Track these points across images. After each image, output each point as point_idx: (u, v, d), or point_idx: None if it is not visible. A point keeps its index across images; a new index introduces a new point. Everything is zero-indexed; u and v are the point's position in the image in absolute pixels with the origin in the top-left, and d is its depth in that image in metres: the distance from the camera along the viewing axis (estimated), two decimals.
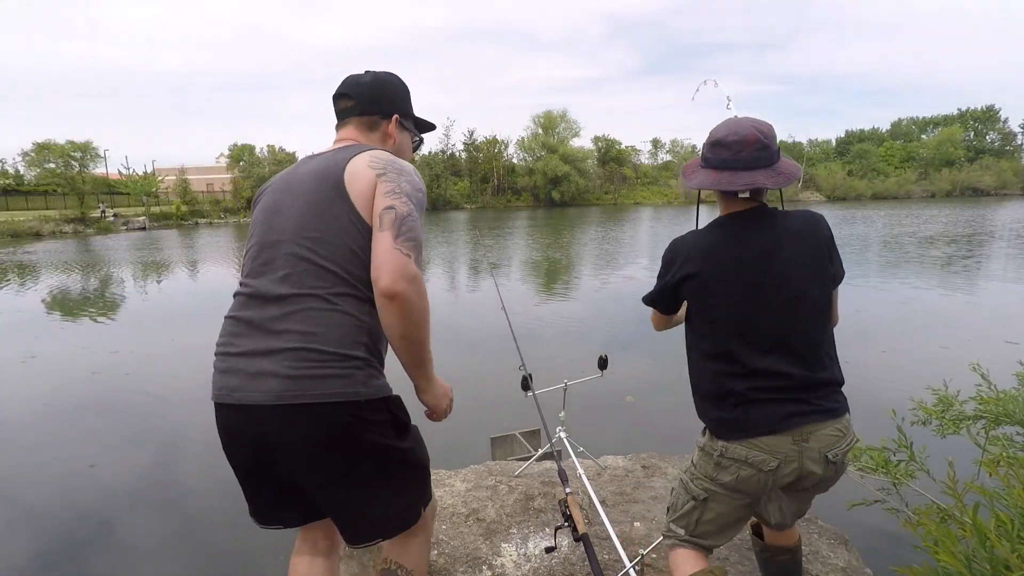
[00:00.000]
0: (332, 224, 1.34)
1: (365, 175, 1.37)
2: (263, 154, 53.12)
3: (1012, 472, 1.49)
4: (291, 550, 1.64)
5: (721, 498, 1.64)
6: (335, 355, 1.30)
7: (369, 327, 1.36)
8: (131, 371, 7.66)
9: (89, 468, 4.98)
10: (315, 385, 1.28)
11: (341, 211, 1.35)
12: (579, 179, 65.74)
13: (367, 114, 1.56)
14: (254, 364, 1.31)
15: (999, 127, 78.28)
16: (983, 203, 49.58)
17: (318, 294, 1.32)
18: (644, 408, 5.98)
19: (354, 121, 1.56)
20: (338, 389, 1.29)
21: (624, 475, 3.17)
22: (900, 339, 8.05)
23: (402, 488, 1.44)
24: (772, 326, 1.54)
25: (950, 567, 1.24)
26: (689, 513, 1.69)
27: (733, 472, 1.58)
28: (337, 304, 1.33)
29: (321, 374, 1.28)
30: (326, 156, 1.46)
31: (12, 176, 46.49)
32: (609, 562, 2.37)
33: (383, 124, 1.58)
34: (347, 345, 1.32)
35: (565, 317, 10.20)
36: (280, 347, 1.30)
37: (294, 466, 1.35)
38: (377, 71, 1.61)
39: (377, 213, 1.33)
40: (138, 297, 13.84)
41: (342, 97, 1.58)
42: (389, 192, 1.35)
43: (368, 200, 1.35)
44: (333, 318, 1.32)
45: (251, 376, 1.31)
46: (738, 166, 1.55)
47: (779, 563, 1.86)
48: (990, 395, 2.36)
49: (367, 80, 1.57)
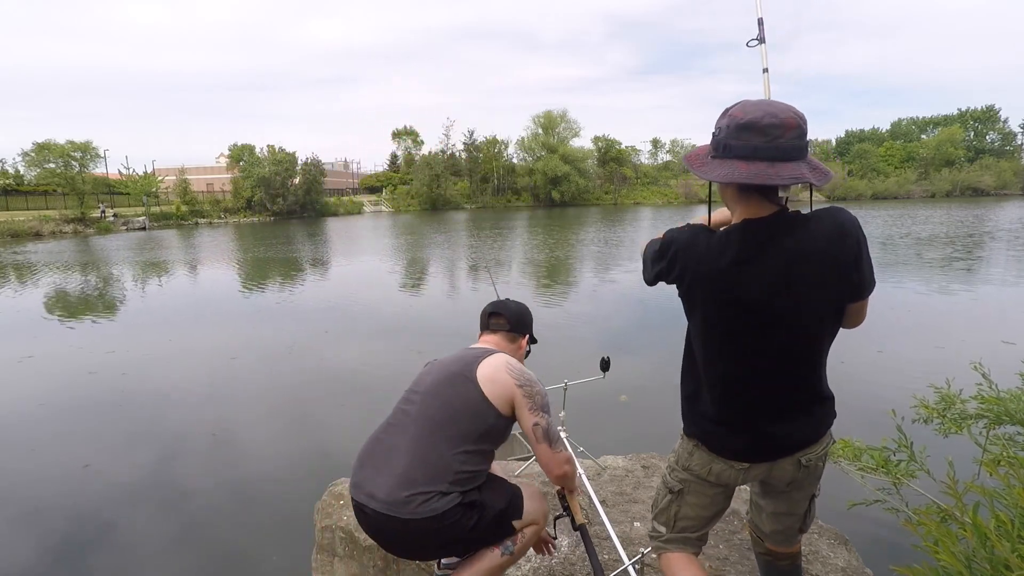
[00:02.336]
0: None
1: (503, 379, 1.81)
2: (263, 154, 53.10)
3: (1012, 472, 1.49)
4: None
5: (696, 488, 1.63)
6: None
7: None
8: (128, 371, 7.66)
9: (84, 468, 4.98)
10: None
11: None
12: (579, 179, 65.80)
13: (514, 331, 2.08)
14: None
15: (999, 127, 78.25)
16: (983, 203, 49.59)
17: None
18: (644, 408, 5.98)
19: (503, 335, 2.06)
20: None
21: (624, 475, 3.17)
22: (895, 339, 8.05)
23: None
24: (761, 365, 1.45)
25: (950, 567, 1.24)
26: (667, 508, 1.68)
27: (705, 463, 1.59)
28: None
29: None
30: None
31: (12, 176, 46.50)
32: (609, 562, 2.37)
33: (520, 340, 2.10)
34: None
35: (565, 317, 10.21)
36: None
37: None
38: (519, 302, 2.15)
39: (529, 428, 1.81)
40: (136, 297, 13.84)
41: (495, 315, 2.08)
42: (532, 409, 1.81)
43: (502, 393, 1.79)
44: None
45: None
46: (776, 156, 1.28)
47: (780, 567, 1.85)
48: (991, 395, 2.36)
49: (514, 307, 2.10)
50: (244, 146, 55.09)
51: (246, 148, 54.50)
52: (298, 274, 17.03)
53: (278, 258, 20.98)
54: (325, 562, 2.73)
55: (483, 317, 2.12)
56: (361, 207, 60.62)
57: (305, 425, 5.85)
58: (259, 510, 4.31)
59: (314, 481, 4.05)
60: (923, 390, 2.72)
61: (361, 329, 9.94)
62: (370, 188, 74.55)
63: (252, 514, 4.27)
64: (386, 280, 15.58)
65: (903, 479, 2.52)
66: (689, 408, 1.62)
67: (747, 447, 1.54)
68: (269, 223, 45.81)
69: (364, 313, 11.31)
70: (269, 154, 52.70)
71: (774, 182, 1.27)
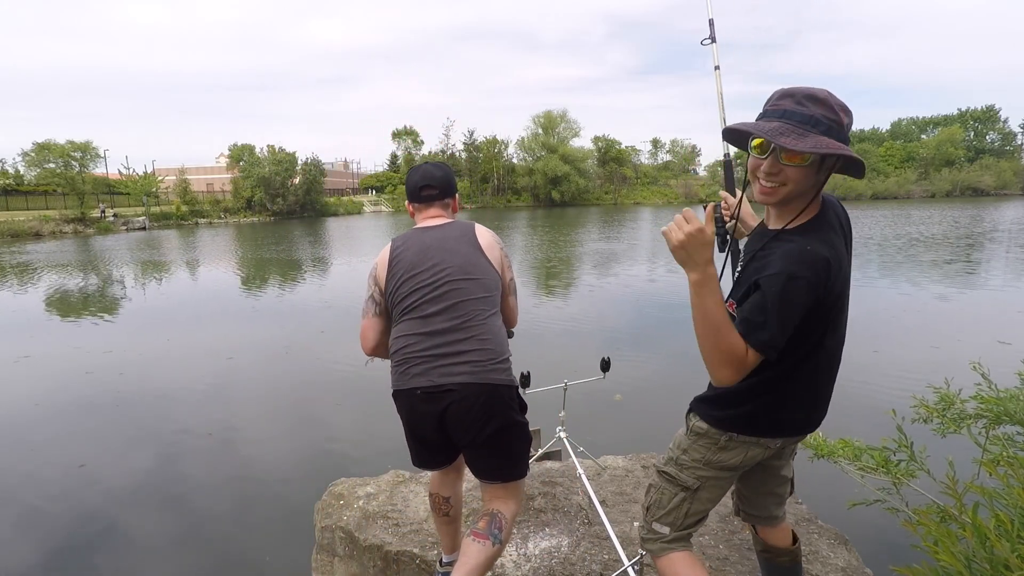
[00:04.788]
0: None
1: (494, 246, 2.05)
2: (263, 154, 53.09)
3: (1012, 472, 1.48)
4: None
5: (714, 483, 1.62)
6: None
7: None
8: (125, 371, 7.66)
9: (79, 468, 4.97)
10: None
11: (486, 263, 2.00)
12: (579, 179, 65.83)
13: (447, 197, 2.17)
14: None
15: (999, 127, 78.27)
16: (982, 203, 49.59)
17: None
18: (644, 408, 5.98)
19: (437, 203, 2.13)
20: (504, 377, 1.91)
21: (624, 475, 3.17)
22: (890, 339, 8.04)
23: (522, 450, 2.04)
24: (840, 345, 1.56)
25: (950, 567, 1.24)
26: (678, 507, 1.64)
27: (740, 452, 1.57)
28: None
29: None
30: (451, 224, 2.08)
31: (12, 176, 46.50)
32: (609, 562, 2.37)
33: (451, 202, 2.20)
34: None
35: (564, 317, 10.20)
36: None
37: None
38: (440, 163, 2.22)
39: (508, 282, 2.07)
40: (135, 297, 13.83)
41: (427, 187, 2.11)
42: (508, 267, 2.10)
43: (498, 258, 2.04)
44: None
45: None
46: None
47: (780, 564, 1.86)
48: (991, 394, 2.36)
49: (439, 175, 2.14)
50: (244, 146, 55.07)
51: (246, 148, 54.49)
52: (297, 274, 17.03)
53: (278, 258, 20.98)
54: (325, 562, 2.73)
55: (412, 190, 2.13)
56: (361, 207, 60.62)
57: (305, 425, 5.85)
58: (259, 510, 4.30)
59: (314, 481, 4.05)
60: (921, 390, 2.72)
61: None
62: (370, 188, 74.57)
63: (252, 514, 4.27)
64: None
65: (903, 479, 2.52)
66: (758, 407, 1.53)
67: (803, 422, 1.58)
68: (269, 223, 45.80)
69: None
70: (269, 154, 52.70)
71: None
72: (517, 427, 1.95)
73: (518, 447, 1.99)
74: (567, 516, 2.70)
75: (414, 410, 1.91)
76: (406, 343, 1.92)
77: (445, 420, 1.88)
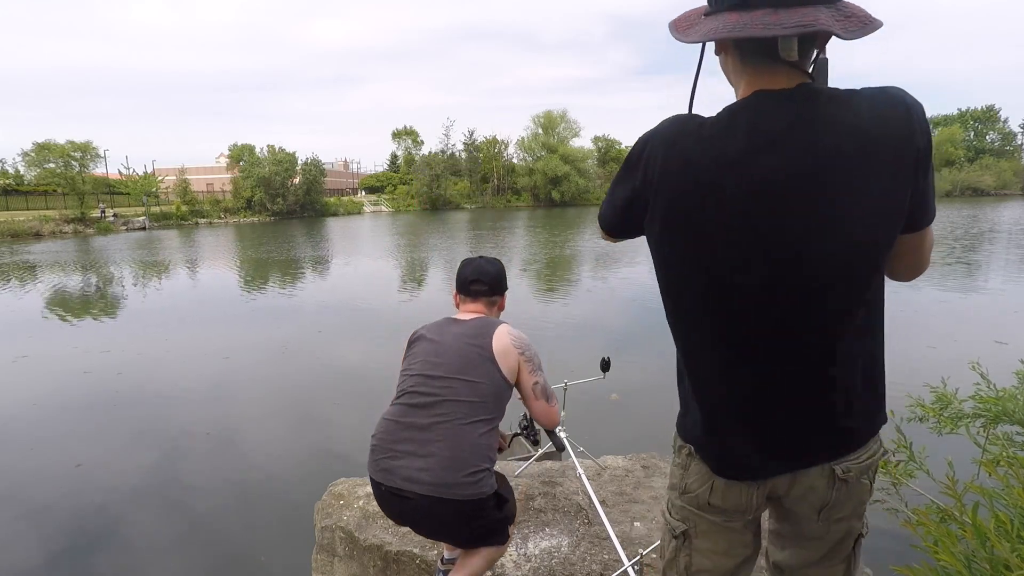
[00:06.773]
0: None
1: (510, 351, 1.91)
2: (263, 154, 53.07)
3: (1011, 472, 1.49)
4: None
5: (706, 526, 1.19)
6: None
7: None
8: (123, 370, 7.66)
9: (76, 467, 4.97)
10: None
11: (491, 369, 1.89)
12: (579, 179, 65.73)
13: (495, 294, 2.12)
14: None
15: (999, 127, 78.23)
16: (982, 203, 49.57)
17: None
18: (644, 408, 5.98)
19: (484, 300, 2.08)
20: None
21: (624, 475, 3.17)
22: (888, 339, 7.96)
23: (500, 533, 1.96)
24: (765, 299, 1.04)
25: (950, 567, 1.24)
26: (675, 558, 1.24)
27: (704, 480, 1.16)
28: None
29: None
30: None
31: (12, 176, 46.48)
32: (609, 562, 2.37)
33: (499, 300, 2.15)
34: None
35: (565, 317, 10.20)
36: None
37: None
38: (494, 259, 2.14)
39: (530, 387, 1.94)
40: (133, 297, 13.83)
41: (477, 282, 2.07)
42: (532, 371, 1.94)
43: (511, 365, 1.90)
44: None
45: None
46: (780, 1, 0.90)
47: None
48: (989, 394, 2.36)
49: (492, 271, 2.10)
50: (244, 146, 55.05)
51: (246, 148, 54.47)
52: (297, 274, 17.03)
53: (277, 259, 20.97)
54: (325, 562, 2.73)
55: (462, 283, 2.09)
56: (361, 207, 60.61)
57: (305, 425, 5.85)
58: (258, 510, 4.31)
59: (314, 481, 4.05)
60: (918, 390, 2.72)
61: (359, 329, 9.94)
62: (370, 188, 74.56)
63: (251, 514, 4.27)
64: (384, 280, 15.58)
65: (902, 479, 2.52)
66: (687, 400, 1.24)
67: (749, 455, 1.14)
68: (269, 223, 45.79)
69: (362, 313, 11.30)
70: (269, 154, 52.66)
71: (771, 32, 0.87)
72: (494, 524, 1.87)
73: (497, 536, 1.92)
74: (567, 516, 2.71)
75: (382, 498, 1.89)
76: (384, 428, 1.89)
77: (415, 519, 1.87)
